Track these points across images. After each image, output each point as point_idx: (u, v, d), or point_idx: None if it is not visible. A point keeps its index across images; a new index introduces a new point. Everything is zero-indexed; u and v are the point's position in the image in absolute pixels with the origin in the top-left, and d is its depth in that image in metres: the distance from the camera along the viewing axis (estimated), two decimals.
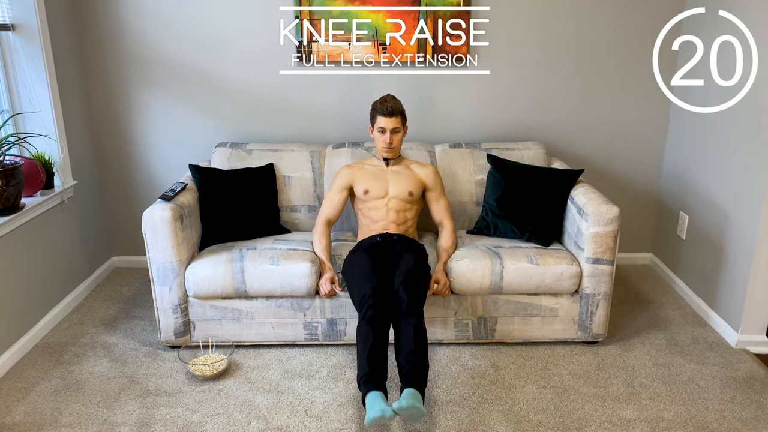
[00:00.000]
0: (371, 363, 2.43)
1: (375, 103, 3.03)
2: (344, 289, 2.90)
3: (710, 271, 3.31)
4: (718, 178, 3.26)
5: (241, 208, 3.19)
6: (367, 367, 2.42)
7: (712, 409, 2.59)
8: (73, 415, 2.55)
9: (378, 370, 2.42)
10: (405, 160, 3.17)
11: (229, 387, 2.74)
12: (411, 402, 2.26)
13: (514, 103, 3.73)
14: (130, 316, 3.38)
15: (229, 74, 3.61)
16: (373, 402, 2.29)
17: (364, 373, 2.41)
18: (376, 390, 2.35)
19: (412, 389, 2.34)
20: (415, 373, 2.40)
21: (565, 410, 2.58)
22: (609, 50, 3.64)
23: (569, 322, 3.00)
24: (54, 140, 3.30)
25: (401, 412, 2.24)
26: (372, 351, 2.45)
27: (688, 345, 3.09)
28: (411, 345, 2.46)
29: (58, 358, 2.97)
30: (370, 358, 2.44)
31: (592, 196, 2.97)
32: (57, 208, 3.35)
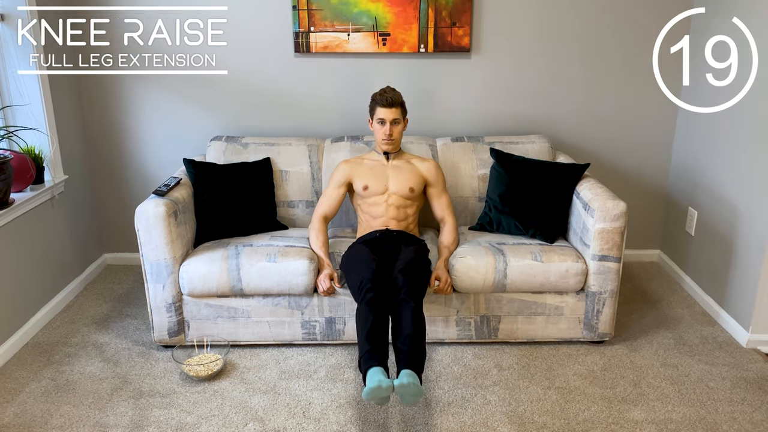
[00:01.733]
0: (371, 341, 2.46)
1: (374, 95, 3.03)
2: (343, 286, 2.89)
3: (720, 268, 3.30)
4: (728, 173, 3.24)
5: (236, 203, 3.18)
6: (367, 345, 2.45)
7: (721, 411, 2.58)
8: (64, 417, 2.54)
9: (378, 348, 2.45)
10: (405, 154, 3.16)
11: (224, 388, 2.73)
12: (409, 380, 2.29)
13: (518, 95, 3.71)
14: (122, 314, 3.37)
15: (224, 65, 3.58)
16: (373, 375, 2.32)
17: (364, 352, 2.44)
18: (378, 366, 2.37)
19: (409, 370, 2.37)
20: (413, 356, 2.43)
21: (570, 412, 2.57)
22: (616, 40, 3.62)
23: (575, 321, 2.99)
24: (44, 134, 3.29)
25: (400, 389, 2.28)
26: (372, 330, 2.49)
27: (697, 344, 3.08)
28: (409, 329, 2.49)
29: (48, 358, 2.96)
30: (370, 337, 2.47)
31: (598, 191, 2.96)
32: (47, 204, 3.34)
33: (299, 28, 3.52)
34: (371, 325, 2.49)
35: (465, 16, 3.51)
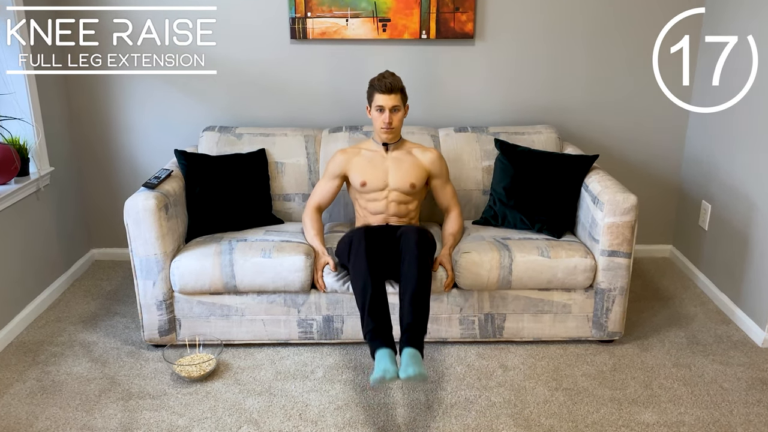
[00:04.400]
0: (374, 317, 2.50)
1: (372, 80, 2.98)
2: (339, 273, 2.87)
3: (735, 263, 3.29)
4: (744, 164, 3.23)
5: (230, 196, 3.18)
6: (371, 322, 2.50)
7: (736, 413, 2.57)
8: (50, 420, 2.53)
9: (382, 325, 2.50)
10: (406, 144, 3.13)
11: (217, 389, 2.72)
12: (415, 370, 2.32)
13: (524, 84, 3.70)
14: (111, 312, 3.36)
15: (217, 52, 3.56)
16: (380, 361, 2.36)
17: (368, 329, 2.50)
18: (385, 347, 2.42)
19: (411, 350, 2.41)
20: (416, 328, 2.49)
21: (578, 414, 2.56)
22: (626, 25, 3.60)
23: (583, 320, 2.99)
24: (29, 124, 3.27)
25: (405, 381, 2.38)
26: (373, 302, 2.53)
27: (711, 344, 3.07)
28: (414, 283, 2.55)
29: (33, 358, 2.95)
30: (372, 310, 2.52)
31: (607, 184, 2.95)
32: (32, 197, 3.33)
33: (295, 13, 3.49)
34: (371, 297, 2.53)
35: (469, 1, 3.48)
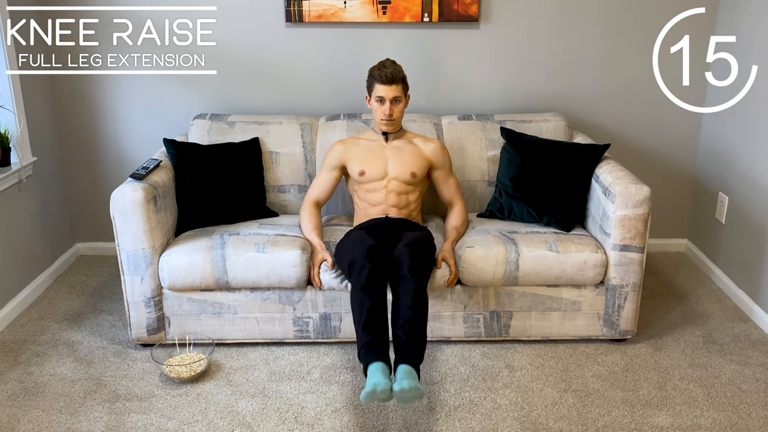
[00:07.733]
0: (369, 330, 2.48)
1: (372, 69, 3.00)
2: (337, 270, 2.87)
3: (753, 259, 3.28)
4: (762, 154, 3.22)
5: (222, 188, 3.18)
6: (365, 336, 2.47)
7: (755, 416, 2.57)
8: (33, 423, 2.53)
9: (378, 339, 2.47)
10: (407, 134, 3.14)
11: (208, 390, 2.72)
12: (409, 383, 2.28)
13: (532, 69, 3.69)
14: (96, 310, 3.36)
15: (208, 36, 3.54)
16: (372, 374, 2.34)
17: (363, 343, 2.47)
18: (378, 361, 2.39)
19: (406, 366, 2.37)
20: (412, 347, 2.45)
21: (588, 417, 2.56)
22: (639, 7, 3.58)
23: (593, 318, 2.98)
24: (10, 111, 3.27)
25: (399, 394, 2.29)
26: (369, 318, 2.51)
27: (728, 343, 3.07)
28: (409, 313, 2.52)
29: (15, 358, 2.95)
30: (367, 325, 2.50)
31: (619, 175, 2.94)
32: (14, 188, 3.32)
33: None
34: (368, 312, 2.51)
35: None
